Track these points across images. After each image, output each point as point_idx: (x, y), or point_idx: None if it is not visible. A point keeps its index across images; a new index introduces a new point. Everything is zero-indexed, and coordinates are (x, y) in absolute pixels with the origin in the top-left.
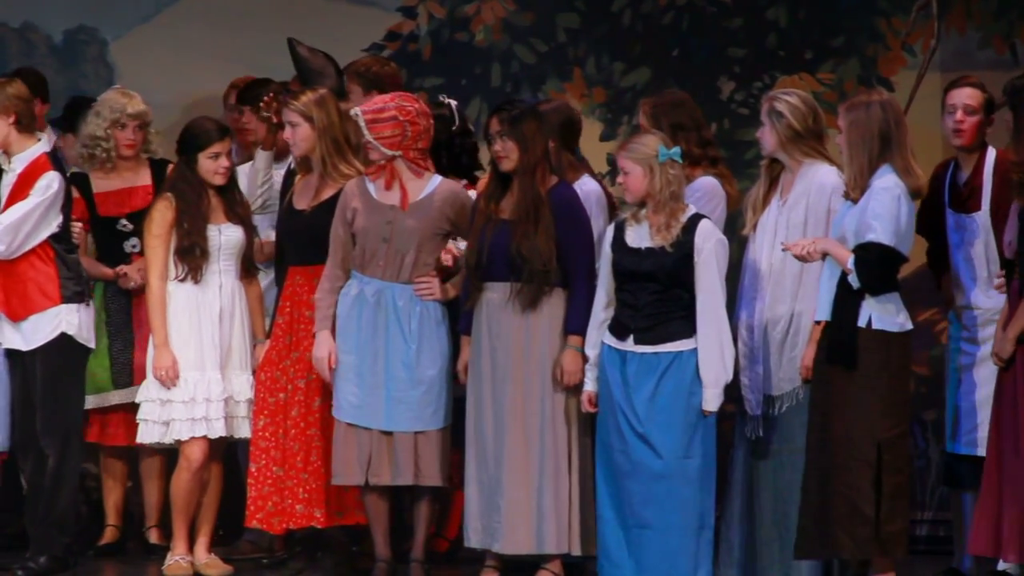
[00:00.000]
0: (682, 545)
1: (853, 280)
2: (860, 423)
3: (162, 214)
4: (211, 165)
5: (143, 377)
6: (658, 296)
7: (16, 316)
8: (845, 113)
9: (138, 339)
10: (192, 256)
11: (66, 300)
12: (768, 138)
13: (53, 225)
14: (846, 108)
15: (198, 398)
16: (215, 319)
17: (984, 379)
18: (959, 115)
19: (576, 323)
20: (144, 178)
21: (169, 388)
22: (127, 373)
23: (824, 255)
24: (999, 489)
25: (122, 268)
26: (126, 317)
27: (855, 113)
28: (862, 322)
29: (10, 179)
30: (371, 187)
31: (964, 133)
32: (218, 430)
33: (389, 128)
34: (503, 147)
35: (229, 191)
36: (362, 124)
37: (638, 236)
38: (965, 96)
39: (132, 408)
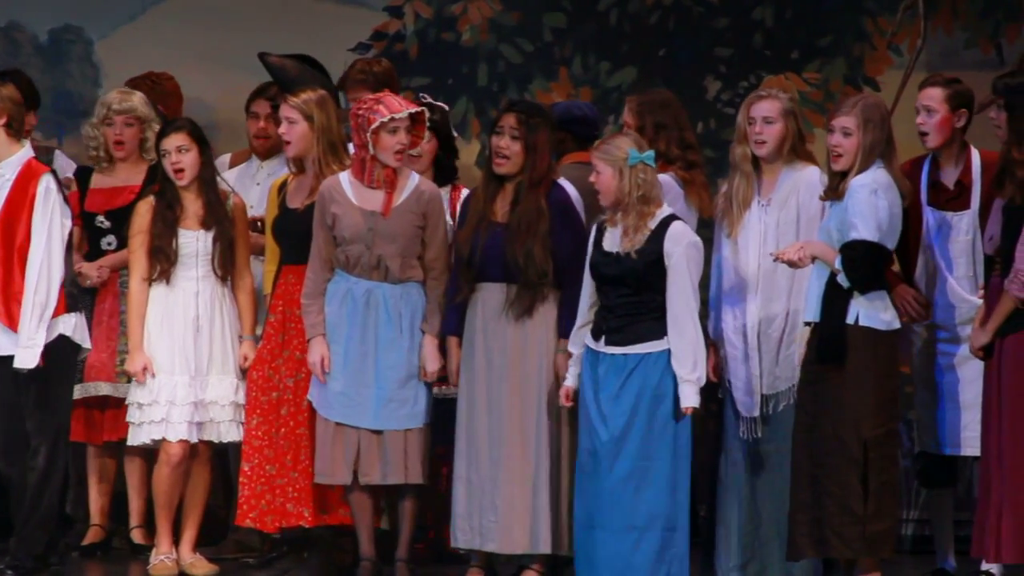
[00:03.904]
0: (642, 547)
1: (842, 279)
2: (847, 422)
3: (141, 215)
4: (165, 164)
5: (93, 376)
6: (628, 299)
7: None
8: (861, 112)
9: (95, 337)
10: (158, 259)
11: (68, 309)
12: (778, 137)
13: (68, 225)
14: (862, 107)
15: (161, 400)
16: (188, 325)
17: (969, 379)
18: (920, 117)
19: (568, 325)
20: (137, 179)
21: (141, 391)
22: (79, 370)
23: (814, 258)
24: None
25: (81, 266)
26: (88, 314)
27: (873, 112)
28: (850, 319)
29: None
30: (348, 189)
31: (927, 136)
32: (179, 433)
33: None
34: (508, 147)
35: (209, 194)
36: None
37: (612, 240)
38: (924, 97)
39: (119, 406)
